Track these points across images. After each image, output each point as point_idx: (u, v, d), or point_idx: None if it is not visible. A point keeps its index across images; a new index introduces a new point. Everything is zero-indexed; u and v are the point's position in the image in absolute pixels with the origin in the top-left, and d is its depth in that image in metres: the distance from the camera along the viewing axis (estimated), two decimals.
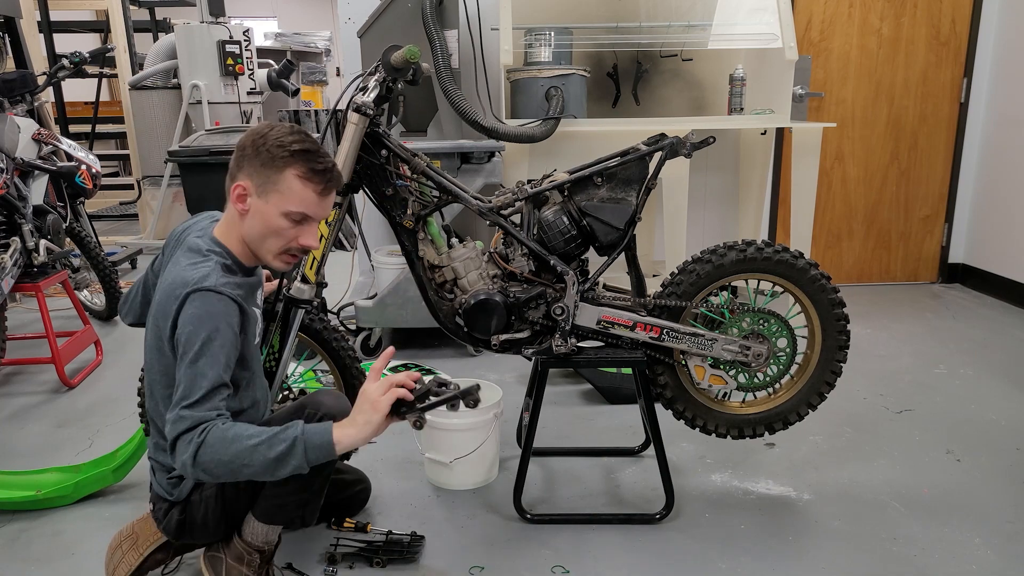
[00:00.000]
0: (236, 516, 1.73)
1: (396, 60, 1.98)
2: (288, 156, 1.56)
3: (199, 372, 1.47)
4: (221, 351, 1.50)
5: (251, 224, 1.62)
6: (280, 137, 1.58)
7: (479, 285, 2.10)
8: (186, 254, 1.62)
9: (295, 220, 1.61)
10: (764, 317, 2.10)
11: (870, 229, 4.67)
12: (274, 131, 1.59)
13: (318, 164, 1.59)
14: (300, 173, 1.58)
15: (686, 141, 2.03)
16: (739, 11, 3.88)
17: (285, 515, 1.72)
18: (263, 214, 1.60)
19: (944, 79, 4.46)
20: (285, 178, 1.57)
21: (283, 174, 1.57)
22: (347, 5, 3.97)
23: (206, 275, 1.54)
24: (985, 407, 2.91)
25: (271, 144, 1.57)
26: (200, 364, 1.48)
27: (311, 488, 1.70)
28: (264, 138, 1.58)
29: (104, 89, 7.32)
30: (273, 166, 1.57)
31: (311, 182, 1.59)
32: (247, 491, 1.70)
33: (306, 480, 1.66)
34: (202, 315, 1.50)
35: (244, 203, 1.60)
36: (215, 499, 1.69)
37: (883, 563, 1.96)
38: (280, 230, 1.60)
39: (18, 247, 3.14)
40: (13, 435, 2.77)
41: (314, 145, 1.60)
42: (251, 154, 1.58)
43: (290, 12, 12.60)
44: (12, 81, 3.66)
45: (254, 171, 1.58)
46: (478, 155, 3.42)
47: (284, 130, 1.59)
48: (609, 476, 2.42)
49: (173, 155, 2.80)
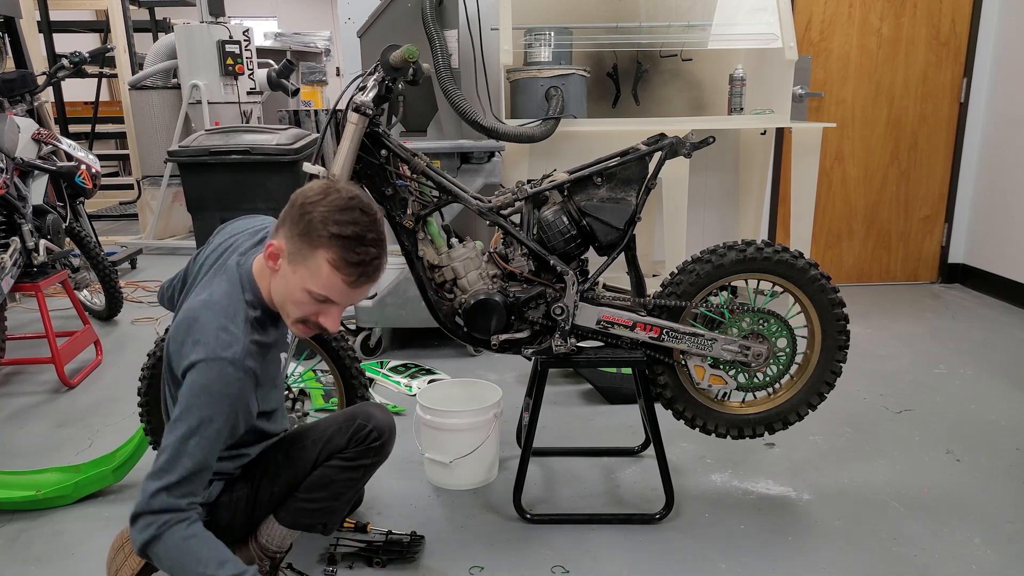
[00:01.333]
0: (262, 518, 1.74)
1: (395, 60, 1.98)
2: (326, 237, 1.40)
3: (186, 451, 1.39)
4: (217, 437, 1.42)
5: (277, 284, 1.50)
6: (328, 212, 1.40)
7: (479, 285, 2.10)
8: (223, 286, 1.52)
9: (318, 300, 1.47)
10: (764, 317, 2.10)
11: (870, 229, 4.67)
12: (327, 200, 1.42)
13: (355, 255, 1.41)
14: (332, 260, 1.41)
15: (686, 141, 2.03)
16: (739, 11, 3.88)
17: (310, 521, 1.73)
18: (288, 282, 1.46)
19: (944, 79, 4.46)
20: (316, 258, 1.41)
21: (315, 253, 1.41)
22: (347, 5, 3.97)
23: (229, 343, 1.43)
24: (985, 407, 2.91)
25: (316, 216, 1.40)
26: (190, 444, 1.39)
27: (342, 497, 1.73)
28: (313, 206, 1.41)
29: (104, 89, 7.33)
30: (308, 241, 1.41)
31: (341, 272, 1.42)
32: (279, 493, 1.71)
33: (340, 489, 1.70)
34: (210, 390, 1.40)
35: (275, 262, 1.47)
36: (245, 501, 1.70)
37: (883, 563, 1.96)
38: (301, 303, 1.47)
39: (18, 247, 3.14)
40: (13, 435, 2.77)
41: (362, 230, 1.42)
42: (295, 217, 1.43)
43: (290, 12, 12.60)
44: (12, 81, 3.66)
45: (291, 236, 1.43)
46: (478, 155, 3.42)
47: (338, 203, 1.41)
48: (609, 476, 2.42)
49: (173, 155, 2.79)
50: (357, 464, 1.71)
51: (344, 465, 1.70)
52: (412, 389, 3.07)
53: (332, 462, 1.70)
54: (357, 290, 1.46)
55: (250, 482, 1.70)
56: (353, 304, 1.70)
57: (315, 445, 1.70)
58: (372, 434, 1.70)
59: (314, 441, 1.71)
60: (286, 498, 1.72)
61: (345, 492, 1.72)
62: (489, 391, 2.44)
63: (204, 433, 1.40)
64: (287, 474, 1.70)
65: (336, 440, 1.70)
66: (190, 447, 1.39)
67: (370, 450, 1.71)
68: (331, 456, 1.70)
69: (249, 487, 1.70)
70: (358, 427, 1.69)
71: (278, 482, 1.70)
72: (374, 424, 1.70)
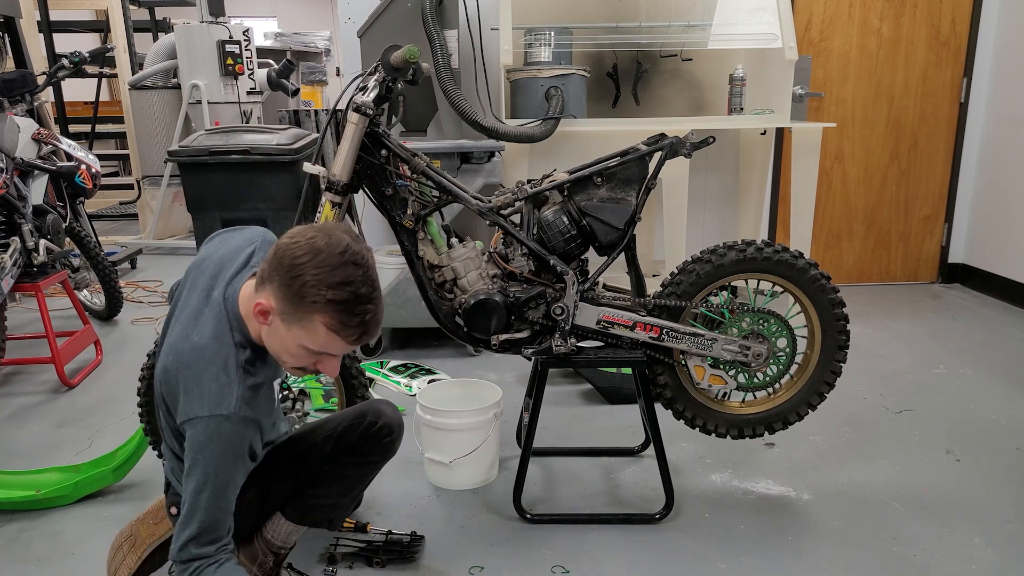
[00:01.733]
0: (269, 515, 1.75)
1: (396, 60, 1.98)
2: (321, 303, 1.32)
3: (200, 506, 1.39)
4: (227, 487, 1.41)
5: (270, 337, 1.41)
6: (320, 275, 1.31)
7: (479, 285, 2.10)
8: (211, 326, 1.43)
9: (316, 354, 1.41)
10: (764, 317, 2.10)
11: (870, 229, 4.67)
12: (317, 260, 1.32)
13: (354, 319, 1.35)
14: (330, 324, 1.34)
15: (686, 141, 2.03)
16: (739, 11, 3.88)
17: (318, 516, 1.74)
18: (282, 337, 1.39)
19: (944, 79, 4.46)
20: (312, 322, 1.34)
21: (311, 317, 1.34)
22: (347, 5, 3.97)
23: (223, 395, 1.37)
24: (985, 407, 2.91)
25: (308, 280, 1.31)
26: (202, 499, 1.38)
27: (351, 492, 1.75)
28: (303, 268, 1.32)
29: (104, 89, 7.32)
30: (302, 306, 1.33)
31: (340, 334, 1.36)
32: (288, 490, 1.72)
33: (349, 485, 1.73)
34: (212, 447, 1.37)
35: (265, 318, 1.39)
36: (257, 501, 1.70)
37: (883, 563, 1.96)
38: (297, 356, 1.40)
39: (18, 247, 3.14)
40: (13, 435, 2.77)
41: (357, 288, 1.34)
42: (285, 279, 1.33)
43: (290, 12, 12.59)
44: (12, 81, 3.66)
45: (281, 296, 1.34)
46: (478, 155, 3.42)
47: (329, 262, 1.32)
48: (609, 476, 2.41)
49: (173, 155, 2.79)
50: (368, 460, 1.73)
51: (355, 461, 1.72)
52: (412, 389, 3.07)
53: (343, 458, 1.71)
54: (357, 344, 1.41)
55: (260, 483, 1.69)
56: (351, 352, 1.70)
57: (326, 442, 1.72)
58: (384, 430, 1.72)
59: (324, 438, 1.72)
60: (294, 495, 1.73)
61: (354, 487, 1.75)
62: (489, 391, 2.44)
63: (213, 487, 1.39)
64: (297, 472, 1.71)
65: (348, 437, 1.71)
66: (203, 501, 1.39)
67: (381, 446, 1.73)
68: (342, 452, 1.71)
69: (259, 488, 1.69)
70: (369, 423, 1.71)
71: (288, 480, 1.71)
72: (385, 420, 1.73)
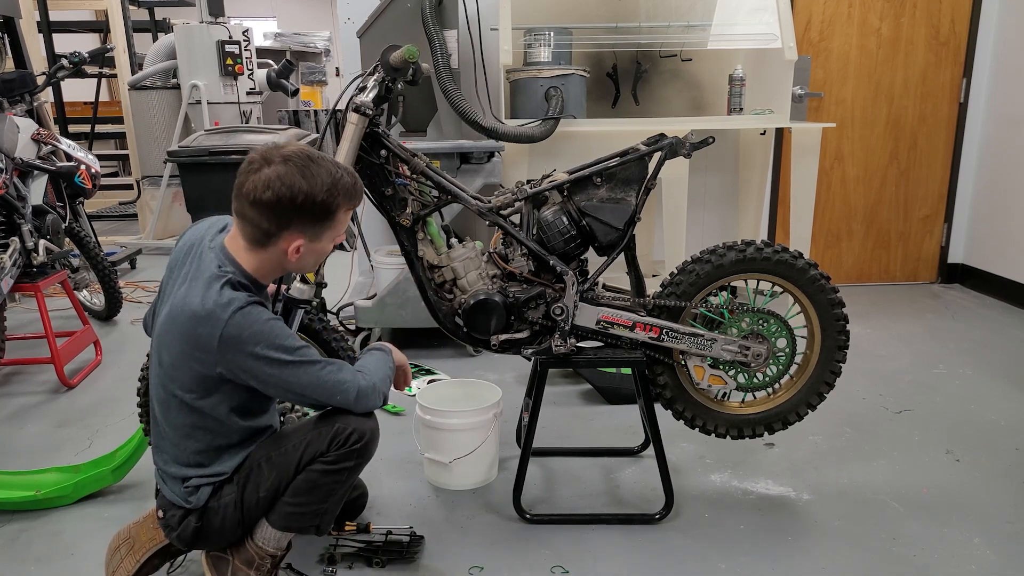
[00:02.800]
0: (252, 522, 1.73)
1: (395, 60, 1.98)
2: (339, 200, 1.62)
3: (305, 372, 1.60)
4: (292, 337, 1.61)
5: (304, 260, 1.67)
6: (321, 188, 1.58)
7: (478, 285, 2.10)
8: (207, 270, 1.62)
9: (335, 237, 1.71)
10: (763, 317, 2.10)
11: (869, 229, 4.67)
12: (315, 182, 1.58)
13: (353, 189, 1.65)
14: (347, 206, 1.65)
15: (686, 141, 2.03)
16: (739, 11, 3.88)
17: (301, 523, 1.72)
18: (317, 251, 1.67)
19: (944, 79, 4.46)
20: (337, 216, 1.64)
21: (335, 216, 1.64)
22: (347, 5, 3.97)
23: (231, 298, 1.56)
24: (985, 407, 2.91)
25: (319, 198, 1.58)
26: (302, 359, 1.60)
27: (330, 499, 1.71)
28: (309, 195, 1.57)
29: (103, 89, 7.31)
30: (328, 215, 1.62)
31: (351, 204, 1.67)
32: (266, 497, 1.70)
33: (326, 492, 1.69)
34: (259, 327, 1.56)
35: (298, 252, 1.64)
36: (234, 506, 1.69)
37: (883, 563, 1.96)
38: (326, 250, 1.70)
39: (17, 247, 3.14)
40: (13, 435, 2.77)
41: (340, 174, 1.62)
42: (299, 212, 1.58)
43: (290, 12, 12.60)
44: (11, 81, 3.66)
45: (306, 226, 1.61)
46: (478, 155, 3.42)
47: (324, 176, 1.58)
48: (609, 476, 2.42)
49: (172, 155, 2.79)
50: (340, 467, 1.69)
51: (327, 469, 1.68)
52: (412, 389, 3.07)
53: (315, 466, 1.67)
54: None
55: (237, 486, 1.69)
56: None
57: (296, 449, 1.68)
58: (352, 436, 1.67)
59: (295, 445, 1.69)
60: (274, 501, 1.71)
61: (332, 494, 1.71)
62: (489, 391, 2.44)
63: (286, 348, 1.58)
64: (272, 478, 1.68)
65: (316, 444, 1.67)
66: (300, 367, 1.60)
67: (352, 452, 1.68)
68: (313, 460, 1.68)
69: (236, 491, 1.69)
70: (337, 430, 1.67)
71: (263, 486, 1.69)
72: (353, 427, 1.68)
